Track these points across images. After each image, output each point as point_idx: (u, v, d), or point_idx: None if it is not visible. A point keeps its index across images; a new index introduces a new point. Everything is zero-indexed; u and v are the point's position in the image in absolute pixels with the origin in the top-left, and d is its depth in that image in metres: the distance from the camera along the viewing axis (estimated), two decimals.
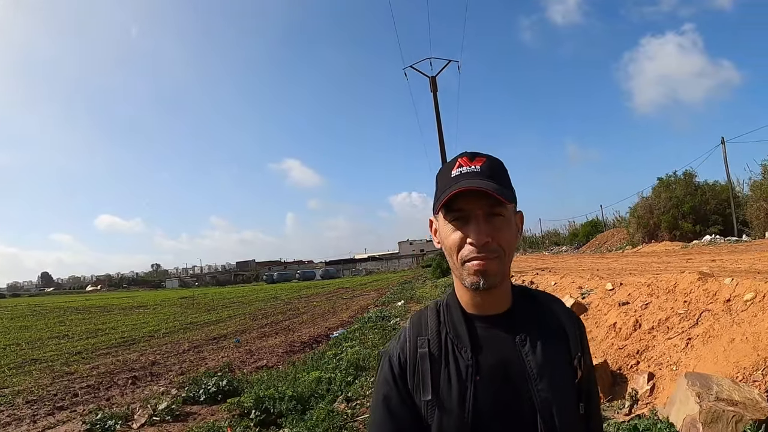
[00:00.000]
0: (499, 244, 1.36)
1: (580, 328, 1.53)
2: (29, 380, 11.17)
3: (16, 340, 19.44)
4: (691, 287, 6.48)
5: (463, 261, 1.37)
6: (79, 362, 13.53)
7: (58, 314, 32.99)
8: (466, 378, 1.37)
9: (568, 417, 1.36)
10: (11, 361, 14.07)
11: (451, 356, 1.42)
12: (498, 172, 1.42)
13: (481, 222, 1.35)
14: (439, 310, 1.53)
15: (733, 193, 29.39)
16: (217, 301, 39.03)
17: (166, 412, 7.23)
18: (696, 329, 5.61)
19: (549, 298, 1.58)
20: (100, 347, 16.40)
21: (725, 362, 4.80)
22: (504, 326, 1.44)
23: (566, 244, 64.83)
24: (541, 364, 1.37)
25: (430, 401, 1.39)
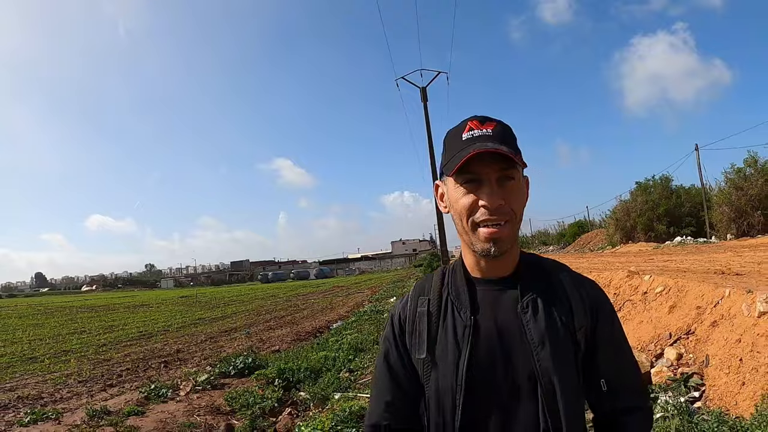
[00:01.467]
0: (512, 208, 1.37)
1: (595, 298, 1.48)
2: (72, 366, 12.66)
3: (37, 336, 20.59)
4: (620, 282, 8.34)
5: (475, 225, 1.37)
6: (110, 352, 15.01)
7: (64, 313, 34.14)
8: (462, 338, 1.38)
9: (569, 388, 1.34)
10: (46, 353, 15.44)
11: (449, 316, 1.44)
12: (509, 137, 1.41)
13: (494, 185, 1.35)
14: (445, 273, 1.55)
15: (706, 196, 30.98)
16: (217, 300, 40.22)
17: (206, 383, 8.99)
18: (619, 314, 7.39)
19: (557, 266, 1.55)
20: (122, 340, 17.84)
21: (633, 337, 6.60)
22: (507, 290, 1.44)
23: (554, 243, 66.61)
24: (542, 332, 1.36)
25: (425, 359, 1.42)
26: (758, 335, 5.04)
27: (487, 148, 1.31)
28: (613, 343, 1.47)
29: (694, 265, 11.36)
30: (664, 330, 6.36)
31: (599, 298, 1.48)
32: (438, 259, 39.31)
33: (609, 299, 1.52)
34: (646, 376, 5.47)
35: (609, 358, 1.45)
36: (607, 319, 1.47)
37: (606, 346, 1.45)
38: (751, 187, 24.22)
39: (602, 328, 1.45)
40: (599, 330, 1.44)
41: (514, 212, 1.37)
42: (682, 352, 5.75)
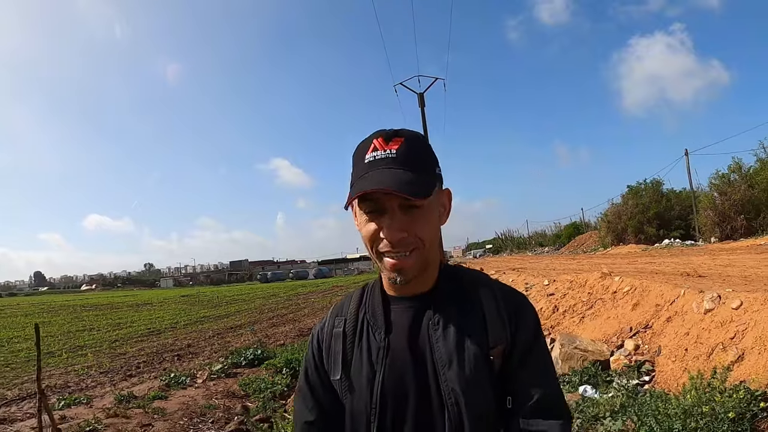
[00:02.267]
0: (418, 237, 1.27)
1: (515, 312, 1.36)
2: (90, 360, 13.38)
3: (48, 333, 20.98)
4: (594, 282, 9.26)
5: (379, 254, 1.30)
6: (124, 347, 15.85)
7: (69, 312, 34.69)
8: (376, 360, 1.34)
9: (477, 411, 1.27)
10: (62, 348, 16.28)
11: (365, 337, 1.40)
12: (415, 157, 1.29)
13: (396, 215, 1.25)
14: (364, 292, 1.50)
15: (695, 200, 31.72)
16: (219, 299, 40.65)
17: (220, 372, 9.91)
18: (589, 311, 8.36)
19: (478, 281, 1.43)
20: (132, 336, 18.65)
21: (599, 331, 7.51)
22: (421, 308, 1.37)
23: (549, 245, 67.25)
24: (451, 351, 1.29)
25: (339, 380, 1.39)
26: (703, 329, 5.93)
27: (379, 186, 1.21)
28: (529, 358, 1.34)
29: (670, 267, 12.27)
30: (626, 324, 7.26)
31: (519, 312, 1.37)
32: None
33: (534, 314, 1.41)
34: (605, 363, 6.38)
35: (523, 373, 1.33)
36: (525, 332, 1.35)
37: (520, 361, 1.33)
38: (735, 192, 25.06)
39: (520, 343, 1.34)
40: (516, 344, 1.33)
41: (421, 240, 1.28)
42: (639, 344, 6.64)
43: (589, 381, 6.02)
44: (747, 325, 5.42)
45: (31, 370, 12.47)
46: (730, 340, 5.45)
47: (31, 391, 9.94)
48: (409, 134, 1.32)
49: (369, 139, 1.32)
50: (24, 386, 10.62)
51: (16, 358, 15.00)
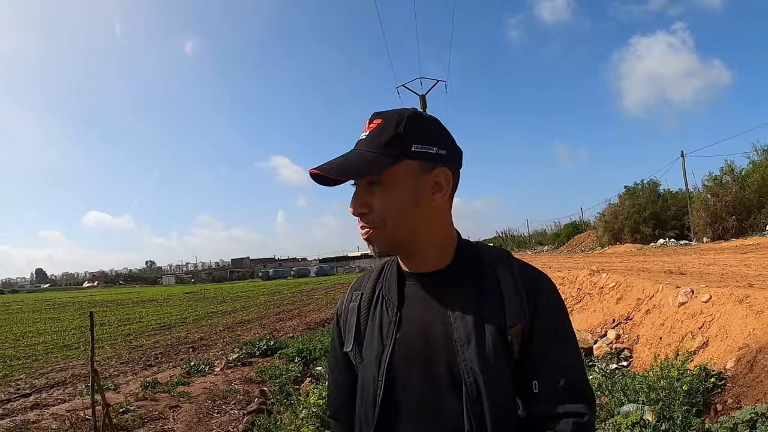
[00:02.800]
0: (380, 215, 1.27)
1: (534, 290, 1.31)
2: (108, 351, 14.24)
3: (59, 328, 21.79)
4: (583, 279, 10.02)
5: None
6: (138, 340, 16.58)
7: (75, 308, 34.88)
8: (387, 334, 1.34)
9: (497, 391, 1.23)
10: (77, 341, 16.94)
11: (378, 311, 1.40)
12: (381, 136, 1.27)
13: (358, 191, 1.30)
14: (384, 267, 1.49)
15: (690, 201, 32.42)
16: (223, 296, 40.83)
17: (236, 361, 10.62)
18: (578, 305, 9.11)
19: (496, 257, 1.38)
20: (144, 330, 19.33)
21: (586, 322, 8.26)
22: (437, 285, 1.33)
23: (549, 244, 68.12)
24: (470, 330, 1.25)
25: (351, 352, 1.41)
26: (676, 320, 6.68)
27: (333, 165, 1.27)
28: (552, 340, 1.29)
29: (658, 265, 12.99)
30: (610, 317, 8.02)
31: (539, 290, 1.32)
32: None
33: (556, 293, 1.37)
34: (588, 350, 7.11)
35: (545, 356, 1.27)
36: (547, 312, 1.30)
37: (542, 343, 1.28)
38: (726, 194, 25.82)
39: (540, 322, 1.28)
40: (537, 324, 1.28)
41: (382, 219, 1.27)
42: (620, 333, 7.40)
43: None
44: (713, 316, 6.15)
45: (54, 361, 13.27)
46: (698, 329, 6.18)
47: (58, 379, 10.66)
48: (390, 114, 1.30)
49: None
50: (50, 375, 11.25)
51: (34, 350, 15.42)
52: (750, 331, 5.38)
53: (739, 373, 4.82)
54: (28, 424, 7.29)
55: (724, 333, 5.71)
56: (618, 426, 4.28)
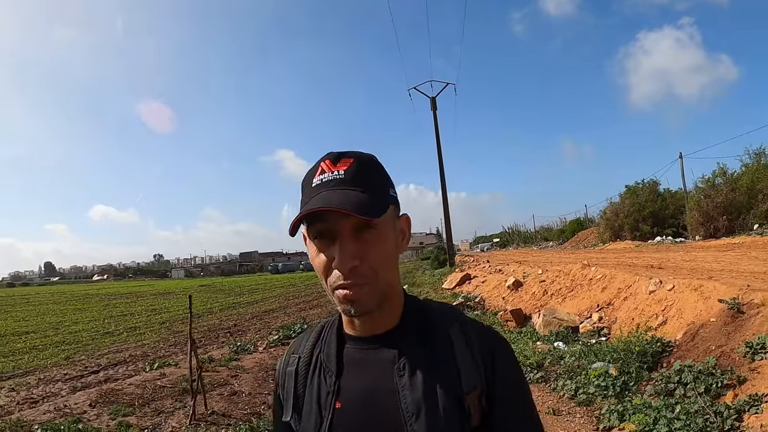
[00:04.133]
0: (372, 267, 1.13)
1: (490, 355, 1.21)
2: (154, 337, 15.79)
3: (89, 317, 23.13)
4: (576, 272, 11.63)
5: (332, 288, 1.15)
6: (175, 326, 18.12)
7: (96, 300, 36.39)
8: (324, 405, 1.22)
9: None
10: (116, 329, 18.32)
11: (316, 378, 1.27)
12: (366, 176, 1.18)
13: (346, 242, 1.11)
14: (324, 328, 1.36)
15: (687, 201, 33.53)
16: (239, 288, 42.12)
17: (276, 342, 12.21)
18: (570, 293, 10.71)
19: (449, 317, 1.27)
20: (176, 319, 20.74)
21: (575, 308, 9.86)
22: (384, 350, 1.22)
23: (554, 239, 69.33)
24: (418, 401, 1.14)
25: (290, 421, 1.29)
26: (646, 304, 8.27)
27: (326, 205, 1.09)
28: (515, 414, 1.21)
29: (645, 261, 14.57)
30: (595, 303, 9.63)
31: (496, 354, 1.22)
32: (444, 252, 41.61)
33: (514, 359, 1.27)
34: (575, 329, 8.73)
35: (508, 423, 1.19)
36: (506, 378, 1.21)
37: (505, 416, 1.19)
38: (718, 195, 27.26)
39: (500, 389, 1.19)
40: (498, 394, 1.19)
41: (375, 271, 1.13)
42: (602, 316, 9.01)
43: (562, 339, 8.40)
44: (674, 301, 7.72)
45: (104, 346, 14.80)
46: (661, 311, 7.76)
47: (118, 359, 12.20)
48: (360, 155, 1.20)
49: (317, 163, 1.20)
50: (108, 356, 12.82)
51: (80, 337, 16.77)
52: (698, 312, 6.92)
53: (684, 342, 6.38)
54: (113, 392, 8.79)
55: (680, 313, 7.27)
56: (588, 376, 5.92)
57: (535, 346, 8.31)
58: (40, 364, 12.20)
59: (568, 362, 7.03)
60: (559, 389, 6.55)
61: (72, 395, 8.71)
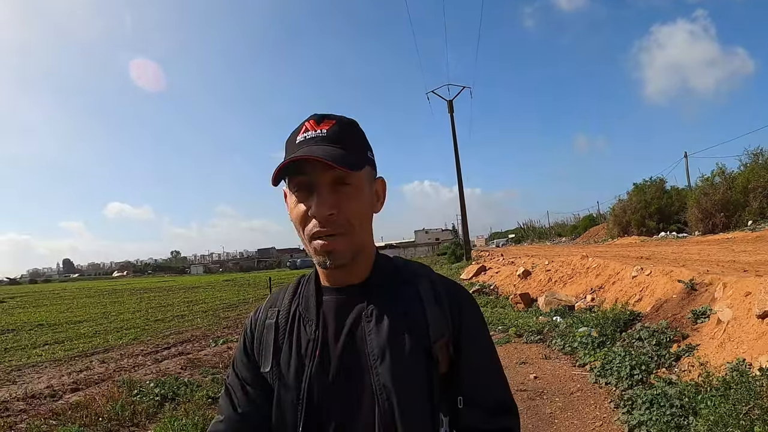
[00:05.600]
0: (347, 219, 1.22)
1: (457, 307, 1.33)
2: (204, 322, 17.52)
3: (134, 308, 24.46)
4: (576, 262, 13.60)
5: (309, 237, 1.24)
6: (219, 314, 19.90)
7: (129, 294, 37.41)
8: (305, 353, 1.30)
9: (411, 408, 1.22)
10: (165, 317, 19.86)
11: (296, 329, 1.35)
12: (347, 136, 1.26)
13: (324, 192, 1.20)
14: (300, 282, 1.45)
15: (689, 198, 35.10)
16: (265, 282, 40.53)
17: None
18: (570, 279, 12.66)
19: (416, 273, 1.39)
20: (217, 308, 22.30)
21: (573, 291, 11.79)
22: (356, 299, 1.32)
23: (567, 235, 70.84)
24: (383, 345, 1.24)
25: (269, 372, 1.35)
26: (629, 287, 10.14)
27: (308, 154, 1.17)
28: (476, 356, 1.33)
29: (640, 253, 16.42)
30: (590, 287, 11.53)
31: (463, 307, 1.34)
32: (461, 248, 43.26)
33: (478, 309, 1.39)
34: (571, 307, 10.61)
35: (473, 373, 1.31)
36: (470, 328, 1.33)
37: (467, 359, 1.30)
38: (716, 193, 28.85)
39: (465, 338, 1.31)
40: (462, 340, 1.30)
41: (350, 223, 1.22)
42: (594, 297, 10.90)
43: (560, 315, 10.33)
44: (649, 283, 9.58)
45: (162, 331, 16.59)
46: (639, 291, 9.62)
47: (183, 338, 14.03)
48: (341, 117, 1.29)
49: (301, 123, 1.29)
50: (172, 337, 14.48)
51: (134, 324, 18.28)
52: (665, 291, 8.76)
53: (651, 312, 8.25)
54: (196, 360, 10.57)
55: (652, 293, 9.13)
56: (575, 336, 7.89)
57: (537, 320, 10.34)
58: (114, 344, 13.71)
59: (561, 328, 9.03)
60: (552, 345, 8.68)
61: (158, 364, 10.46)
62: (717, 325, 6.39)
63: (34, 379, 9.72)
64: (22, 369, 10.77)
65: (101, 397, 7.54)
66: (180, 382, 8.27)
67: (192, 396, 7.40)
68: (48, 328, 18.20)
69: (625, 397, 5.52)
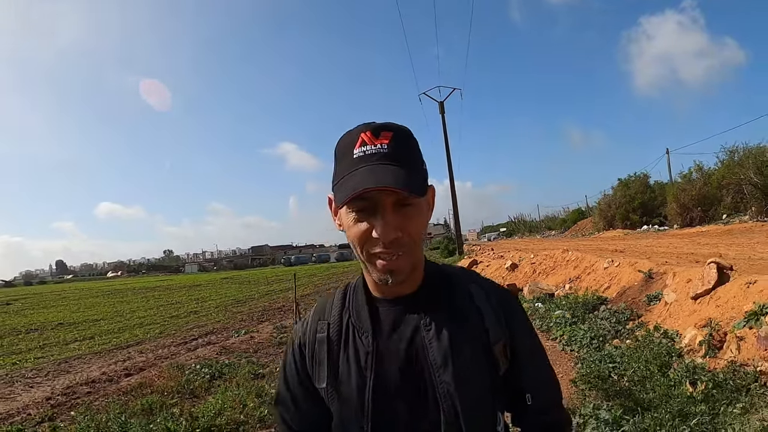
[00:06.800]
0: (410, 238, 1.23)
1: (508, 310, 1.37)
2: (220, 317, 18.65)
3: (141, 307, 25.34)
4: (557, 255, 15.22)
5: (370, 256, 1.24)
6: (231, 309, 20.95)
7: (132, 293, 38.10)
8: (365, 365, 1.30)
9: (475, 412, 1.26)
10: (179, 313, 20.81)
11: (351, 342, 1.34)
12: (407, 152, 1.24)
13: (389, 214, 1.19)
14: (346, 293, 1.45)
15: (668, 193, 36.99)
16: (264, 279, 43.94)
17: None
18: (552, 271, 14.29)
19: (467, 278, 1.42)
20: (226, 304, 23.34)
21: (554, 281, 13.42)
22: (410, 309, 1.33)
23: (557, 228, 72.50)
24: (445, 354, 1.26)
25: (326, 388, 1.34)
26: (601, 277, 11.68)
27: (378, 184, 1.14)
28: (534, 356, 1.41)
29: (616, 246, 18.04)
30: (568, 277, 13.13)
31: (512, 309, 1.39)
32: (453, 243, 44.65)
33: (523, 308, 1.45)
34: (551, 295, 12.20)
35: (531, 371, 1.38)
36: (524, 330, 1.39)
37: (527, 359, 1.37)
38: (693, 189, 30.61)
39: (520, 340, 1.37)
40: (517, 342, 1.36)
41: (413, 242, 1.24)
42: (572, 286, 12.46)
43: (541, 301, 11.85)
44: (617, 273, 11.13)
45: (180, 323, 17.75)
46: (609, 280, 11.16)
47: (206, 330, 15.29)
48: (398, 128, 1.25)
49: (355, 132, 1.25)
50: (195, 330, 15.66)
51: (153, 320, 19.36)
52: (630, 279, 10.30)
53: (615, 298, 9.82)
54: (227, 347, 11.84)
55: (619, 281, 10.68)
56: (551, 317, 9.48)
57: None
58: (143, 338, 14.84)
59: (541, 312, 10.62)
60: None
61: (193, 352, 11.74)
62: (664, 306, 7.95)
63: (85, 369, 10.99)
64: (69, 361, 12.01)
65: (158, 377, 9.00)
66: (221, 364, 9.70)
67: (236, 373, 8.83)
68: (69, 326, 19.24)
69: (582, 358, 7.15)
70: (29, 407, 8.06)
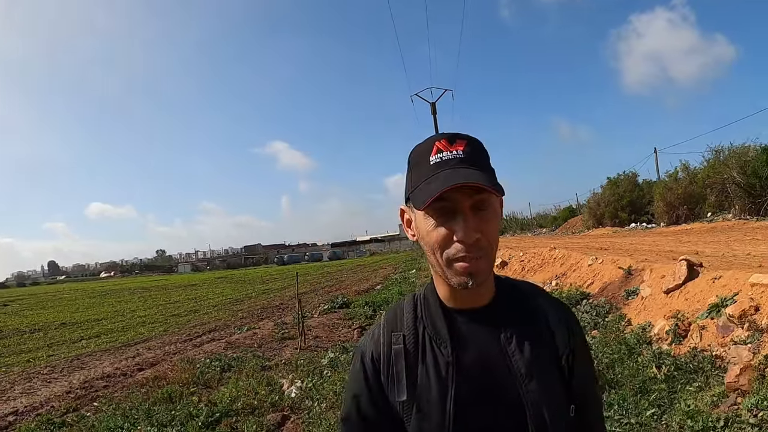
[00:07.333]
0: (489, 240, 1.22)
1: (569, 321, 1.40)
2: (220, 315, 19.12)
3: (140, 306, 25.73)
4: (545, 253, 15.96)
5: (450, 260, 1.22)
6: (230, 308, 21.42)
7: (129, 293, 38.27)
8: (446, 377, 1.28)
9: (560, 419, 1.27)
10: (180, 312, 21.30)
11: (429, 353, 1.32)
12: (481, 158, 1.26)
13: (469, 217, 1.19)
14: (417, 304, 1.42)
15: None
16: (259, 278, 44.28)
17: (326, 311, 16.26)
18: (540, 268, 15.02)
19: (534, 291, 1.45)
20: (224, 303, 23.83)
21: (541, 277, 14.15)
22: (486, 321, 1.32)
23: (548, 226, 72.85)
24: (529, 363, 1.27)
25: (405, 402, 1.30)
26: (586, 273, 12.37)
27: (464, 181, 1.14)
28: (586, 363, 1.43)
29: (604, 244, 18.75)
30: (555, 273, 13.84)
31: (575, 322, 1.42)
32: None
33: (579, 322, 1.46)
34: None
35: (584, 383, 1.39)
36: (582, 342, 1.42)
37: (582, 367, 1.39)
38: (678, 188, 31.44)
39: (579, 352, 1.38)
40: (577, 354, 1.37)
41: (491, 245, 1.23)
42: (558, 282, 13.15)
43: None
44: (600, 269, 11.82)
45: (182, 322, 18.25)
46: (592, 276, 11.85)
47: (210, 327, 15.77)
48: (469, 137, 1.27)
49: (427, 142, 1.27)
50: (199, 327, 16.14)
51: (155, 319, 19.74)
52: (611, 275, 11.00)
53: (597, 293, 10.51)
54: (233, 342, 12.38)
55: (601, 277, 11.38)
56: None
57: None
58: (149, 336, 15.30)
59: None
60: None
61: (200, 348, 12.24)
62: (640, 300, 8.64)
63: (98, 365, 11.53)
64: (80, 358, 12.55)
65: (171, 370, 9.60)
66: (229, 357, 10.28)
67: (244, 366, 9.44)
68: (72, 326, 19.69)
69: None
70: (51, 400, 8.62)
